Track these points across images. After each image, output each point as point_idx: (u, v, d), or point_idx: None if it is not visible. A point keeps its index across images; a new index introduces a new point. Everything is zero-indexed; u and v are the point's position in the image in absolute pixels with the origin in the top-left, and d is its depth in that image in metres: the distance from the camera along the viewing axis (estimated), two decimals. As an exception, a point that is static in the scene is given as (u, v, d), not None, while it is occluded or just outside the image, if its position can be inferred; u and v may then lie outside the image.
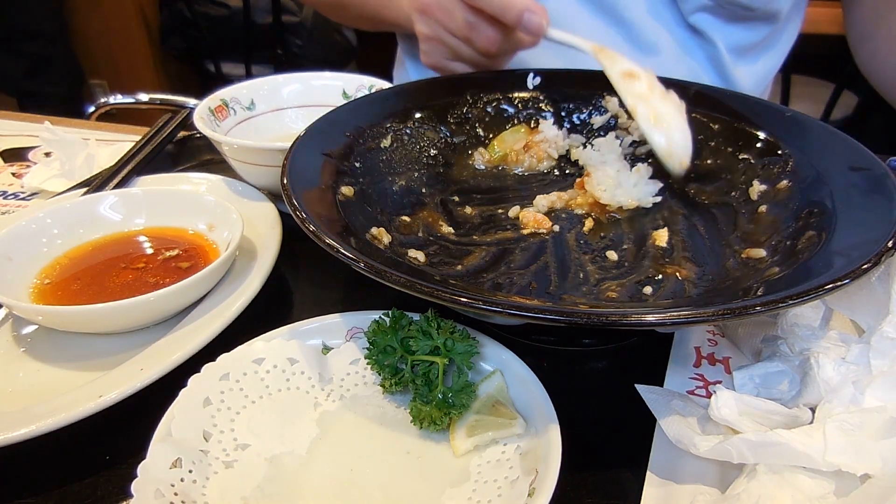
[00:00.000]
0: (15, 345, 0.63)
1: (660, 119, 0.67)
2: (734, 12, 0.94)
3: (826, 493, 0.45)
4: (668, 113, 0.67)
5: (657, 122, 0.67)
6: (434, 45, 0.84)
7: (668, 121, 0.67)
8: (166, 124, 1.04)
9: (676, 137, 0.68)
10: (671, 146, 0.67)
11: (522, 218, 0.70)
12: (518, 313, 0.45)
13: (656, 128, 0.67)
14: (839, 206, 0.59)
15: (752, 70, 1.03)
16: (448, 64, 0.85)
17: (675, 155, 0.68)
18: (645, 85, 0.68)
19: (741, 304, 0.46)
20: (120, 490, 0.50)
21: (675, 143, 0.67)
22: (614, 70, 0.69)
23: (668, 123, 0.67)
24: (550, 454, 0.46)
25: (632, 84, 0.68)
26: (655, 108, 0.67)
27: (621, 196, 0.71)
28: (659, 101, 0.68)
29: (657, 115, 0.67)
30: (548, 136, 0.80)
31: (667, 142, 0.67)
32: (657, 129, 0.67)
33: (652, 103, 0.67)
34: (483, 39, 0.77)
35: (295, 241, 0.76)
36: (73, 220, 0.72)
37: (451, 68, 0.85)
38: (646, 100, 0.67)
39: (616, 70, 0.69)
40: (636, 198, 0.71)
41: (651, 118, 0.67)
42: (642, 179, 0.73)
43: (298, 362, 0.56)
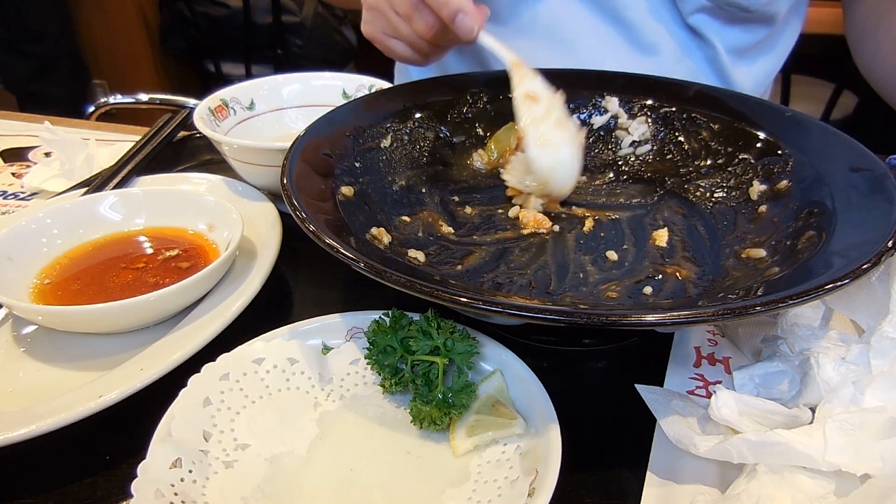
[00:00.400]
0: (15, 345, 0.63)
1: (546, 144, 0.69)
2: (733, 13, 0.94)
3: (826, 493, 0.45)
4: (556, 139, 0.70)
5: (542, 146, 0.69)
6: (376, 15, 0.84)
7: (554, 147, 0.69)
8: (166, 124, 1.04)
9: (560, 164, 0.70)
10: (552, 171, 0.70)
11: (522, 218, 0.70)
12: (518, 313, 0.45)
13: (542, 151, 0.69)
14: (839, 206, 0.59)
15: (751, 71, 1.03)
16: (385, 39, 0.85)
17: (555, 179, 0.71)
18: (542, 109, 0.71)
19: (741, 304, 0.46)
20: (120, 490, 0.50)
21: (557, 169, 0.70)
22: (519, 89, 0.72)
23: (553, 149, 0.69)
24: (550, 454, 0.46)
25: (530, 107, 0.71)
26: (544, 133, 0.70)
27: (529, 182, 0.73)
28: (551, 127, 0.70)
29: (544, 140, 0.69)
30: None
31: (549, 166, 0.70)
32: (542, 152, 0.69)
33: (541, 128, 0.70)
34: (422, 23, 0.77)
35: (295, 241, 0.76)
36: (73, 220, 0.72)
37: (388, 44, 0.85)
38: (538, 124, 0.70)
39: (521, 90, 0.72)
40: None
41: (538, 142, 0.69)
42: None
43: (298, 362, 0.56)
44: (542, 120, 0.70)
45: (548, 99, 0.72)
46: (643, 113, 0.82)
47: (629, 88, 0.84)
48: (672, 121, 0.80)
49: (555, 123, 0.71)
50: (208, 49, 2.98)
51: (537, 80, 0.73)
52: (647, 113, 0.82)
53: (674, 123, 0.80)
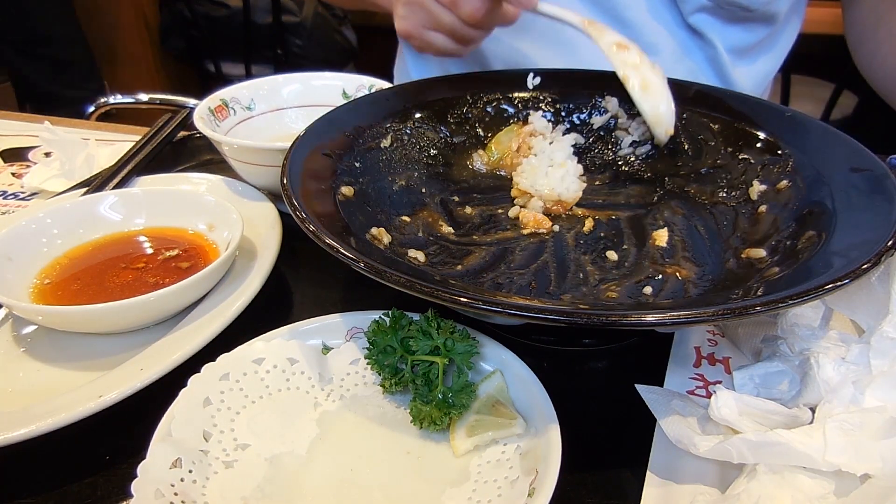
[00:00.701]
0: (15, 345, 0.63)
1: (648, 87, 0.71)
2: (733, 13, 0.94)
3: (826, 493, 0.45)
4: (656, 82, 0.72)
5: (645, 90, 0.72)
6: (415, 9, 0.82)
7: (656, 89, 0.72)
8: (166, 124, 1.04)
9: (663, 105, 0.73)
10: (658, 113, 0.73)
11: (522, 218, 0.70)
12: (518, 313, 0.45)
13: (645, 95, 0.72)
14: (839, 206, 0.59)
15: (751, 71, 1.03)
16: (424, 33, 0.84)
17: (662, 121, 0.73)
18: (636, 55, 0.73)
19: (741, 304, 0.46)
20: (120, 490, 0.50)
21: (661, 110, 0.73)
22: (605, 41, 0.73)
23: (656, 91, 0.72)
24: (550, 454, 0.46)
25: (624, 54, 0.72)
26: (644, 76, 0.72)
27: (541, 186, 0.73)
28: (648, 70, 0.72)
29: (646, 84, 0.72)
30: (536, 127, 0.80)
31: (654, 109, 0.72)
32: (646, 97, 0.72)
33: (642, 72, 0.72)
34: (469, 6, 0.76)
35: (295, 241, 0.76)
36: (73, 220, 0.72)
37: (427, 38, 0.84)
38: (637, 68, 0.72)
39: (607, 41, 0.73)
40: (557, 192, 0.72)
41: (640, 86, 0.72)
42: (569, 175, 0.73)
43: (298, 362, 0.56)
44: (638, 65, 0.72)
45: (635, 46, 0.73)
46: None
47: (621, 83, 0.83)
48: (672, 121, 0.80)
49: (649, 67, 0.73)
50: (208, 49, 2.98)
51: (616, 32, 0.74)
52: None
53: (674, 123, 0.80)
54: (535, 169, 0.74)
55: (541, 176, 0.73)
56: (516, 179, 0.75)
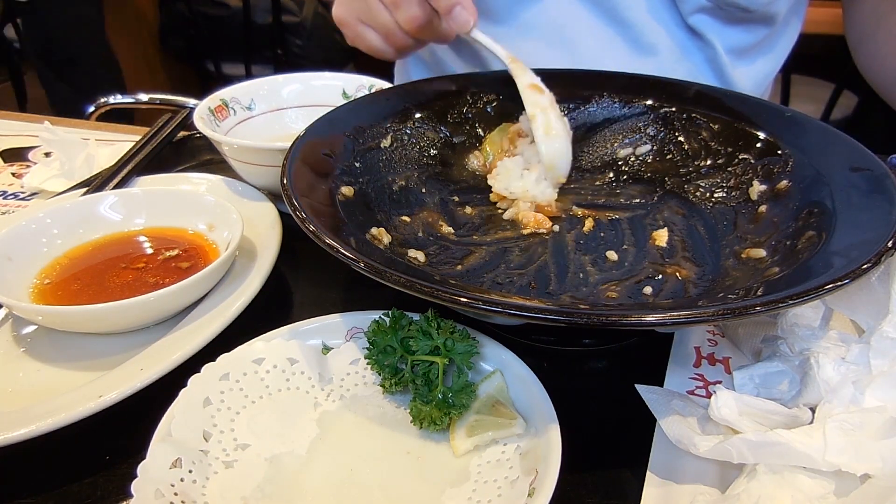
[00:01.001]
0: (15, 345, 0.63)
1: (550, 131, 0.73)
2: (732, 14, 0.94)
3: (826, 493, 0.45)
4: (560, 130, 0.73)
5: (547, 132, 0.73)
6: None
7: (559, 136, 0.73)
8: (166, 124, 1.04)
9: (561, 152, 0.73)
10: (554, 160, 0.73)
11: (522, 218, 0.70)
12: (518, 313, 0.45)
13: (547, 139, 0.73)
14: (839, 206, 0.59)
15: (751, 71, 1.03)
16: (358, 25, 0.82)
17: (557, 168, 0.74)
18: (547, 100, 0.74)
19: (741, 304, 0.46)
20: (120, 490, 0.50)
21: (559, 156, 0.73)
22: (523, 80, 0.75)
23: (557, 137, 0.73)
24: (550, 454, 0.46)
25: (536, 95, 0.74)
26: (550, 121, 0.73)
27: (515, 188, 0.74)
28: (555, 117, 0.74)
29: (549, 127, 0.73)
30: (522, 127, 0.80)
31: (551, 154, 0.73)
32: (547, 140, 0.73)
33: (548, 116, 0.73)
34: (409, 13, 0.75)
35: (295, 241, 0.76)
36: (73, 220, 0.72)
37: (359, 30, 0.83)
38: (545, 111, 0.73)
39: (525, 81, 0.75)
40: (532, 194, 0.73)
41: (544, 129, 0.73)
42: (543, 179, 0.74)
43: (298, 362, 0.56)
44: (548, 108, 0.73)
45: (549, 93, 0.75)
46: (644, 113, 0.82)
47: (629, 88, 0.84)
48: (672, 121, 0.80)
49: (558, 113, 0.74)
50: (208, 49, 2.98)
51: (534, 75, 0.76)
52: (647, 113, 0.82)
53: (674, 123, 0.80)
54: (510, 172, 0.74)
55: (515, 179, 0.74)
56: (490, 182, 0.76)
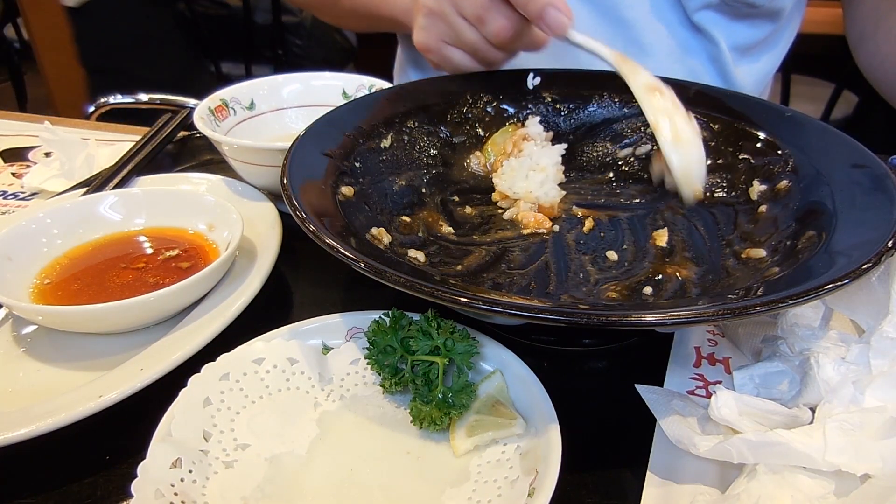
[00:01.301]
0: (15, 345, 0.63)
1: (680, 139, 0.64)
2: (738, 9, 0.94)
3: (826, 493, 0.45)
4: (690, 135, 0.65)
5: (677, 141, 0.64)
6: (436, 21, 0.76)
7: (689, 142, 0.64)
8: (166, 124, 1.04)
9: (694, 161, 0.65)
10: (689, 168, 0.65)
11: (522, 218, 0.70)
12: (518, 313, 0.45)
13: (676, 147, 0.64)
14: (839, 205, 0.59)
15: (753, 69, 1.03)
16: (443, 48, 0.78)
17: (691, 178, 0.66)
18: (669, 101, 0.66)
19: (741, 304, 0.46)
20: (120, 490, 0.50)
21: (692, 166, 0.65)
22: (637, 82, 0.67)
23: (688, 144, 0.64)
24: (550, 454, 0.46)
25: (655, 99, 0.65)
26: (678, 126, 0.64)
27: (519, 188, 0.71)
28: (682, 120, 0.65)
29: (678, 134, 0.64)
30: (529, 132, 0.79)
31: (685, 163, 0.65)
32: (676, 149, 0.64)
33: (675, 121, 0.64)
34: (496, 25, 0.71)
35: (295, 241, 0.76)
36: (73, 220, 0.72)
37: (446, 53, 0.79)
38: (670, 116, 0.64)
39: (639, 82, 0.66)
40: (535, 195, 0.71)
41: (672, 136, 0.64)
42: (548, 181, 0.73)
43: (298, 362, 0.56)
44: (671, 112, 0.65)
45: (668, 90, 0.67)
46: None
47: (629, 88, 0.83)
48: (672, 121, 0.80)
49: (683, 117, 0.66)
50: (208, 49, 2.97)
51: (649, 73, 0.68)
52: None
53: (674, 123, 0.80)
54: (515, 172, 0.73)
55: (520, 179, 0.73)
56: (495, 181, 0.75)
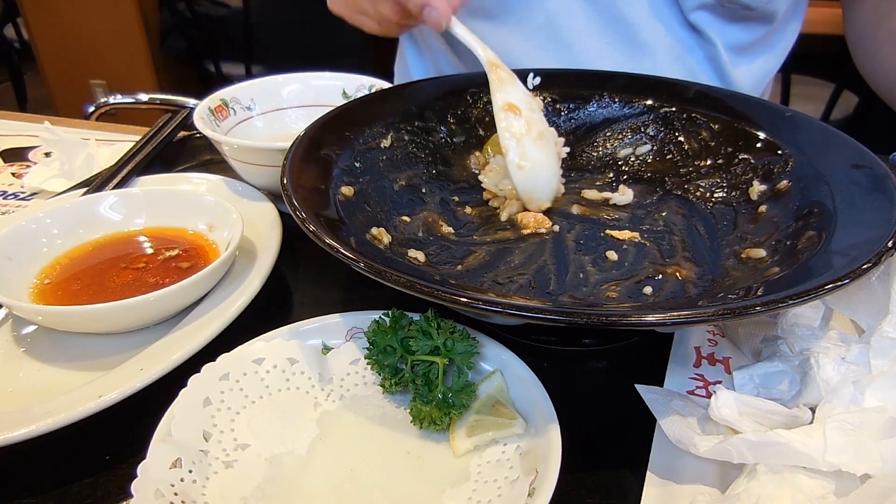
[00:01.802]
0: (15, 345, 0.63)
1: (525, 162, 0.68)
2: (734, 11, 0.94)
3: (826, 493, 0.45)
4: (536, 158, 0.69)
5: (521, 165, 0.68)
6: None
7: (535, 166, 0.69)
8: (166, 124, 1.04)
9: (539, 182, 0.70)
10: (532, 190, 0.70)
11: (522, 219, 0.70)
12: (518, 313, 0.45)
13: (520, 172, 0.69)
14: (839, 205, 0.59)
15: (751, 70, 1.03)
16: (354, 16, 0.87)
17: (535, 199, 0.70)
18: (523, 123, 0.69)
19: (741, 304, 0.46)
20: (120, 490, 0.50)
21: (535, 188, 0.70)
22: (499, 98, 0.70)
23: (533, 167, 0.69)
24: (550, 454, 0.46)
25: (510, 120, 0.69)
26: (525, 150, 0.68)
27: (505, 185, 0.73)
28: (531, 141, 0.69)
29: (524, 158, 0.68)
30: None
31: (529, 186, 0.70)
32: (520, 174, 0.69)
33: (523, 145, 0.68)
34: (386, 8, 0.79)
35: (295, 241, 0.76)
36: (73, 220, 0.72)
37: (357, 20, 0.87)
38: (519, 140, 0.68)
39: (501, 99, 0.70)
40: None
41: (518, 161, 0.68)
42: None
43: (298, 362, 0.56)
44: (523, 136, 0.69)
45: (527, 108, 0.70)
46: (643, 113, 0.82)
47: (629, 88, 0.84)
48: (672, 121, 0.80)
49: (535, 139, 0.69)
50: (208, 49, 2.98)
51: (516, 86, 0.71)
52: (647, 113, 0.82)
53: (674, 123, 0.80)
54: (502, 169, 0.73)
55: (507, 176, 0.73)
56: (481, 178, 0.76)
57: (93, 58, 3.20)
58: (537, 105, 0.72)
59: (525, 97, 0.71)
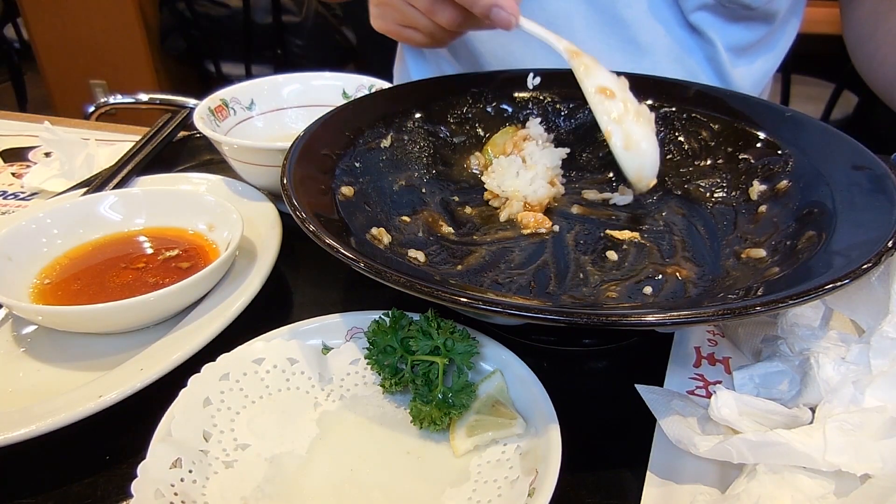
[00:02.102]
0: (15, 345, 0.63)
1: (631, 143, 0.66)
2: (734, 11, 0.94)
3: (826, 493, 0.45)
4: (640, 135, 0.67)
5: (628, 147, 0.66)
6: (388, 10, 0.81)
7: (639, 144, 0.67)
8: (166, 124, 1.04)
9: (647, 161, 0.68)
10: (641, 170, 0.68)
11: (522, 219, 0.70)
12: (518, 313, 0.45)
13: (628, 153, 0.67)
14: (839, 205, 0.59)
15: (751, 70, 1.03)
16: (401, 30, 0.83)
17: (644, 178, 0.69)
18: (620, 106, 0.67)
19: (741, 304, 0.46)
20: (120, 490, 0.50)
21: (644, 167, 0.68)
22: (590, 83, 0.68)
23: (639, 147, 0.67)
24: (550, 454, 0.46)
25: (606, 104, 0.67)
26: (628, 131, 0.66)
27: (507, 186, 0.73)
28: (632, 122, 0.67)
29: (629, 140, 0.66)
30: (531, 133, 0.79)
31: (637, 166, 0.67)
32: (629, 155, 0.67)
33: (625, 126, 0.66)
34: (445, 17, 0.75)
35: (295, 241, 0.76)
36: (73, 220, 0.72)
37: (405, 35, 0.83)
38: (620, 123, 0.66)
39: (592, 84, 0.68)
40: (524, 193, 0.72)
41: (623, 143, 0.66)
42: (538, 178, 0.73)
43: (298, 362, 0.56)
44: (623, 117, 0.66)
45: (620, 89, 0.68)
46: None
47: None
48: (672, 121, 0.80)
49: (635, 117, 0.67)
50: (208, 49, 2.98)
51: (602, 69, 0.69)
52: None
53: (674, 123, 0.80)
54: (504, 170, 0.74)
55: (509, 177, 0.73)
56: (485, 180, 0.76)
57: (93, 58, 3.21)
58: (624, 85, 0.69)
59: (614, 79, 0.69)
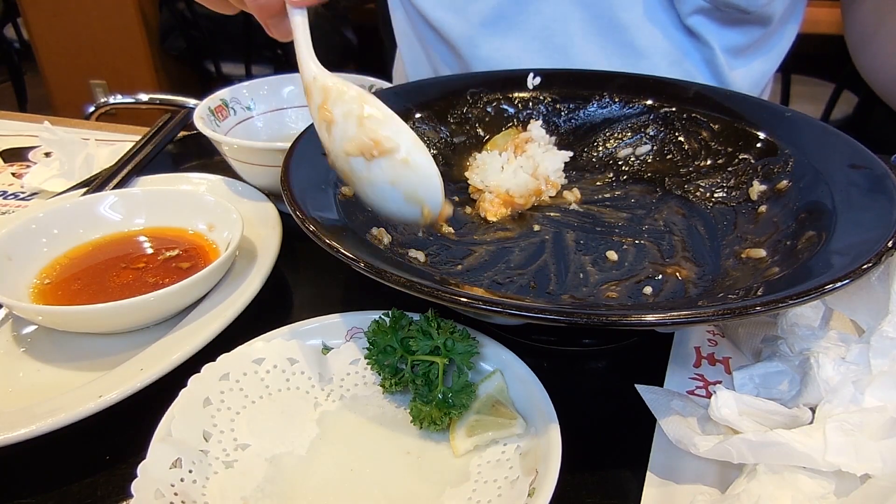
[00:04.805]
0: (15, 345, 0.63)
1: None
2: (730, 15, 0.94)
3: (826, 493, 0.45)
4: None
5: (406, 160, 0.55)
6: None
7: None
8: (166, 124, 1.04)
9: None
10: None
11: (482, 203, 0.72)
12: (518, 313, 0.45)
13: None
14: (839, 205, 0.59)
15: (748, 72, 1.03)
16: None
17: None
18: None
19: (741, 304, 0.46)
20: (120, 490, 0.50)
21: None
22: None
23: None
24: (550, 454, 0.46)
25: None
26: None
27: (490, 181, 0.73)
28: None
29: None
30: (533, 135, 0.80)
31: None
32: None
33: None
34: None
35: (295, 241, 0.76)
36: (73, 220, 0.72)
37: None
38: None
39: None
40: (505, 187, 0.72)
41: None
42: (520, 172, 0.73)
43: (298, 362, 0.56)
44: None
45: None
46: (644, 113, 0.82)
47: (629, 88, 0.84)
48: (672, 121, 0.80)
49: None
50: (208, 49, 2.98)
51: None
52: (647, 113, 0.82)
53: (674, 123, 0.80)
54: (487, 165, 0.74)
55: (493, 172, 0.73)
56: (467, 174, 0.76)
57: (93, 58, 3.21)
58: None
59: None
